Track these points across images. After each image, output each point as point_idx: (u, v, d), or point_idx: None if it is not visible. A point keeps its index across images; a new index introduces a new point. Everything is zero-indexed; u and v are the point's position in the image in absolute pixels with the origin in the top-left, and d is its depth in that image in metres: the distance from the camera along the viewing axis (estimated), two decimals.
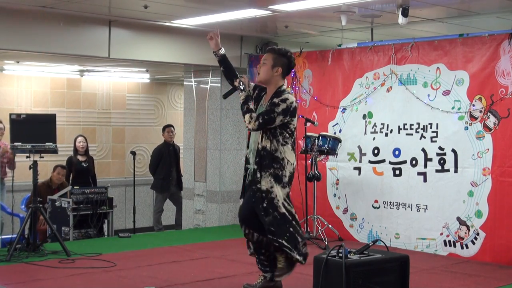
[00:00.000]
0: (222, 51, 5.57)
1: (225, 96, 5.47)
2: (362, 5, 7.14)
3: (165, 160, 10.39)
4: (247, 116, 5.18)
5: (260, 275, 5.46)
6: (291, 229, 5.18)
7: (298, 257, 5.21)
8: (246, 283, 5.51)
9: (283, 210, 5.17)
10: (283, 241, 5.14)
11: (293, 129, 5.30)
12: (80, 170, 9.70)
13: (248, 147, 5.46)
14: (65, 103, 10.92)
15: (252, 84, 5.54)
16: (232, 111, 9.71)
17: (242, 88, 5.30)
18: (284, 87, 5.35)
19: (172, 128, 10.63)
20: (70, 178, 9.61)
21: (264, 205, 5.16)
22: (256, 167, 5.22)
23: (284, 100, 5.18)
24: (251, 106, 5.24)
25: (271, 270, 5.39)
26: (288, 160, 5.24)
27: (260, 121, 5.14)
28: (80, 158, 9.80)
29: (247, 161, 5.42)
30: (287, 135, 5.24)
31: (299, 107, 8.88)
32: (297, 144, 8.52)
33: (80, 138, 9.86)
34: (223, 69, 5.62)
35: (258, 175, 5.20)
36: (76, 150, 9.81)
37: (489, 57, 7.08)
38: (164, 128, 10.69)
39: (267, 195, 5.16)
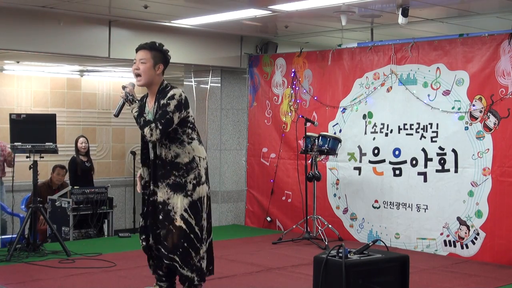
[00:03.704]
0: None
1: (117, 114, 4.99)
2: (362, 5, 7.14)
3: None
4: (146, 129, 4.70)
5: (155, 284, 5.16)
6: (185, 244, 4.79)
7: (189, 274, 4.82)
8: None
9: (179, 223, 4.79)
10: (175, 256, 4.79)
11: (193, 121, 4.92)
12: (84, 170, 9.74)
13: (144, 163, 5.06)
14: (65, 103, 10.91)
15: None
16: (232, 111, 9.71)
17: (131, 99, 4.83)
18: (166, 82, 4.93)
19: None
20: (71, 177, 9.62)
21: (160, 217, 4.85)
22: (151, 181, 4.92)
23: (172, 97, 4.76)
24: (147, 117, 4.80)
25: (168, 281, 5.10)
26: (199, 157, 4.90)
27: (160, 127, 4.69)
28: (82, 158, 9.82)
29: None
30: (189, 130, 4.87)
31: (299, 107, 8.88)
32: (297, 144, 8.63)
33: (81, 139, 9.86)
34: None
35: (151, 187, 4.93)
36: (77, 151, 9.82)
37: (489, 57, 7.08)
38: None
39: (163, 207, 4.84)
